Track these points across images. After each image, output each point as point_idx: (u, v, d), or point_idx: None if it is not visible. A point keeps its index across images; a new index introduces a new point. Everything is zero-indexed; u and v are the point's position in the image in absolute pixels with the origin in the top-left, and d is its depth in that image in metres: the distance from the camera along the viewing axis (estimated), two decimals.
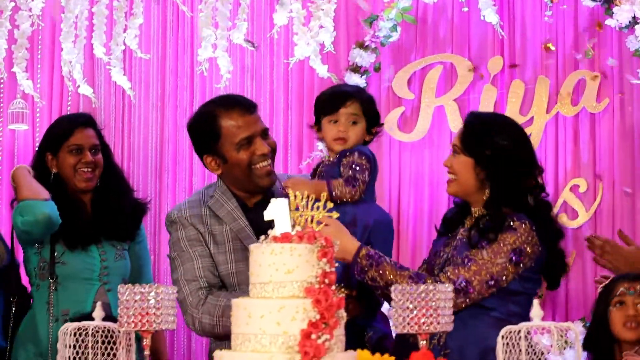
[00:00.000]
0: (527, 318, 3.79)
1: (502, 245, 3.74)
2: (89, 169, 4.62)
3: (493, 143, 3.82)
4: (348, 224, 3.82)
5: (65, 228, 4.47)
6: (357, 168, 4.01)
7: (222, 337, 3.95)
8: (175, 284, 4.05)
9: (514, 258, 3.73)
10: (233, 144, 4.00)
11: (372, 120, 4.17)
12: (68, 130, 4.63)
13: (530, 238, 3.76)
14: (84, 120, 4.69)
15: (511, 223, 3.76)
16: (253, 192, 4.10)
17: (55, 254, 4.54)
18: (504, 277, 3.74)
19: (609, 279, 4.15)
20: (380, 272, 3.72)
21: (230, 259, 4.04)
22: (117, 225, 4.65)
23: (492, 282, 3.72)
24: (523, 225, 3.76)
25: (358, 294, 3.89)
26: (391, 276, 3.71)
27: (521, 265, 3.75)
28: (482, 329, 3.72)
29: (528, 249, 3.76)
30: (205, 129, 4.06)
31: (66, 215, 4.47)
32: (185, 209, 4.14)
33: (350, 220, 3.92)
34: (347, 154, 4.05)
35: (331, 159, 4.13)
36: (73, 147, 4.61)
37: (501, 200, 3.82)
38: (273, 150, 4.10)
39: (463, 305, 3.71)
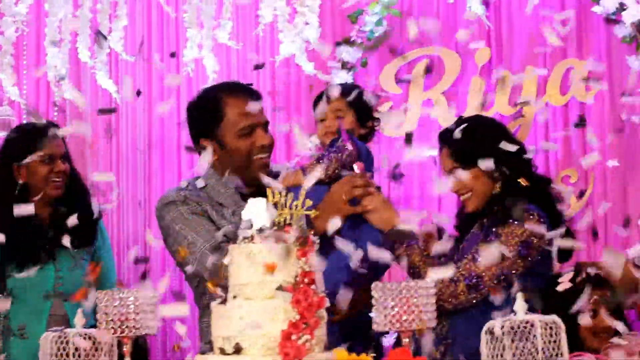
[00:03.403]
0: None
1: (510, 238, 3.70)
2: (60, 178, 4.54)
3: (492, 147, 3.81)
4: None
5: (17, 248, 4.36)
6: (334, 149, 3.95)
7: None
8: (182, 250, 3.82)
9: (522, 251, 3.69)
10: (234, 130, 3.93)
11: (362, 112, 4.14)
12: (39, 140, 4.51)
13: (537, 230, 3.71)
14: (54, 129, 4.54)
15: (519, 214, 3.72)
16: (247, 183, 3.96)
17: (7, 267, 4.44)
18: (514, 272, 3.69)
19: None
20: (408, 252, 3.75)
21: None
22: (76, 238, 4.34)
23: (503, 277, 3.68)
24: (531, 217, 3.71)
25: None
26: (417, 260, 3.73)
27: (529, 259, 3.71)
28: (487, 321, 3.67)
29: (535, 241, 3.71)
30: (207, 112, 3.96)
31: (21, 234, 4.36)
32: (182, 191, 3.96)
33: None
34: (334, 139, 4.01)
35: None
36: (46, 157, 4.51)
37: (508, 193, 3.80)
38: (271, 145, 4.03)
39: (474, 301, 3.70)
